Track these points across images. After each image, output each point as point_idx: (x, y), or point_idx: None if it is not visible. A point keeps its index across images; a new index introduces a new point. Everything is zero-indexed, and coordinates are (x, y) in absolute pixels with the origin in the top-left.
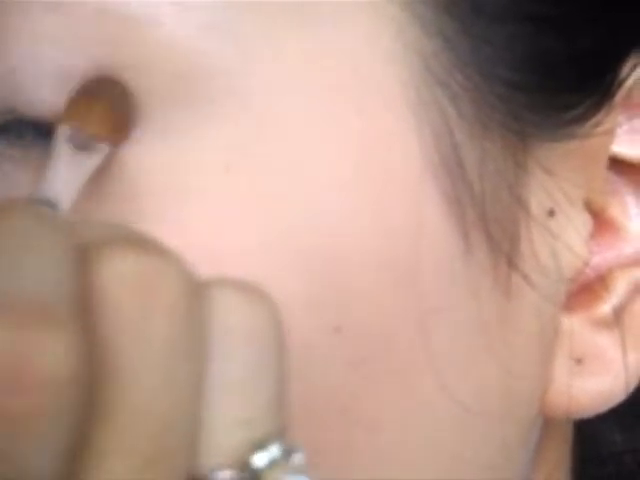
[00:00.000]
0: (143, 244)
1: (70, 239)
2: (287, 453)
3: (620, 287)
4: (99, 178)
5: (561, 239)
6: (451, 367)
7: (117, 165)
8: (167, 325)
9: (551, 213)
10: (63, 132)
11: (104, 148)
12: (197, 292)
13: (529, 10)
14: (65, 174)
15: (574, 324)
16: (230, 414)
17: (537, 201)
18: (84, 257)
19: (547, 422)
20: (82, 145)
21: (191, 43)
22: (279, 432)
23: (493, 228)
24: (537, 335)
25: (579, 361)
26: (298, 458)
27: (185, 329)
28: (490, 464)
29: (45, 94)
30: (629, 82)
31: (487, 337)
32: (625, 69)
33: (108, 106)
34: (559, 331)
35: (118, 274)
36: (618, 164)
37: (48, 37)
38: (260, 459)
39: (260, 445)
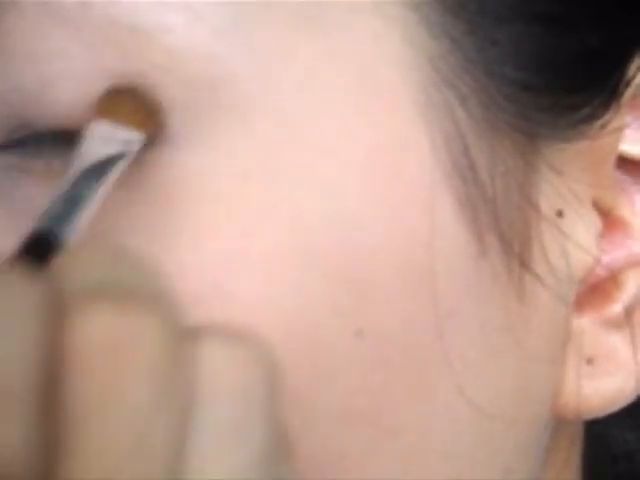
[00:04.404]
0: (126, 293)
1: (42, 297)
2: None
3: (630, 286)
4: (117, 187)
5: (571, 239)
6: (467, 370)
7: (136, 174)
8: (138, 387)
9: (560, 213)
10: (96, 127)
11: (137, 139)
12: (180, 349)
13: (535, 10)
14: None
15: (585, 324)
16: (209, 477)
17: (547, 201)
18: (60, 313)
19: (558, 422)
20: (109, 137)
21: (204, 50)
22: None
23: (505, 229)
24: (549, 336)
25: (590, 361)
26: None
27: (162, 391)
28: (505, 466)
29: (60, 108)
30: (636, 81)
31: (501, 339)
32: (632, 68)
33: (136, 99)
34: (570, 331)
35: (91, 335)
36: (626, 163)
37: (59, 52)
38: None
39: None
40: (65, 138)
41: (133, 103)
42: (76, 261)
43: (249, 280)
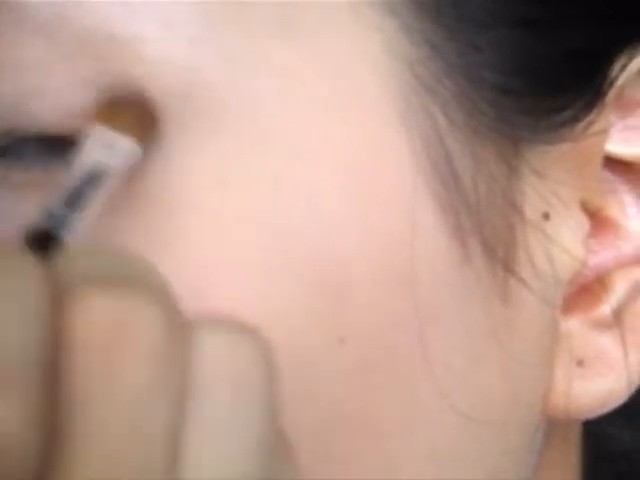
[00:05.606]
0: (126, 282)
1: (44, 282)
2: None
3: (620, 287)
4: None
5: (557, 242)
6: (451, 375)
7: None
8: (137, 371)
9: (546, 216)
10: (94, 132)
11: (133, 149)
12: (178, 335)
13: (516, 14)
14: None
15: (574, 326)
16: (208, 460)
17: (531, 205)
18: (60, 299)
19: (551, 424)
20: (110, 144)
21: (179, 59)
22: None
23: (488, 234)
24: (537, 339)
25: (580, 363)
26: None
27: (160, 375)
28: (495, 470)
29: (38, 118)
30: (620, 81)
31: (486, 344)
32: (615, 68)
33: (134, 108)
34: (559, 334)
35: (89, 319)
36: (614, 163)
37: (36, 64)
38: None
39: None
40: (45, 148)
41: (134, 115)
42: (77, 254)
43: (226, 288)
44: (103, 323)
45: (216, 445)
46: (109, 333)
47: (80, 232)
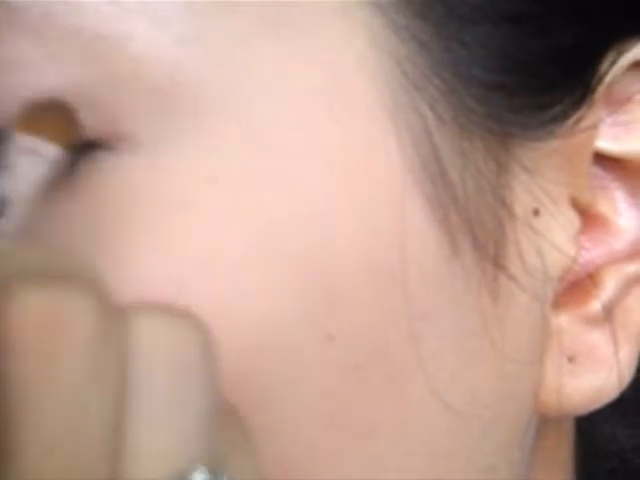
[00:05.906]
0: (58, 277)
1: None
2: None
3: (610, 283)
4: (85, 194)
5: (547, 238)
6: (441, 371)
7: (102, 182)
8: (73, 363)
9: (536, 213)
10: (17, 139)
11: (57, 154)
12: (113, 325)
13: (503, 9)
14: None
15: (565, 322)
16: (149, 446)
17: (521, 201)
18: None
19: (543, 421)
20: (33, 150)
21: (168, 57)
22: (202, 463)
23: (478, 230)
24: (527, 335)
25: (571, 359)
26: None
27: (95, 366)
28: (486, 466)
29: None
30: (609, 77)
31: (477, 340)
32: (604, 64)
33: (54, 114)
34: (550, 330)
35: (22, 312)
36: (604, 160)
37: (22, 62)
38: None
39: (180, 477)
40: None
41: (56, 120)
42: (7, 254)
43: (215, 286)
44: (35, 319)
45: (154, 433)
46: (41, 328)
47: (9, 234)
